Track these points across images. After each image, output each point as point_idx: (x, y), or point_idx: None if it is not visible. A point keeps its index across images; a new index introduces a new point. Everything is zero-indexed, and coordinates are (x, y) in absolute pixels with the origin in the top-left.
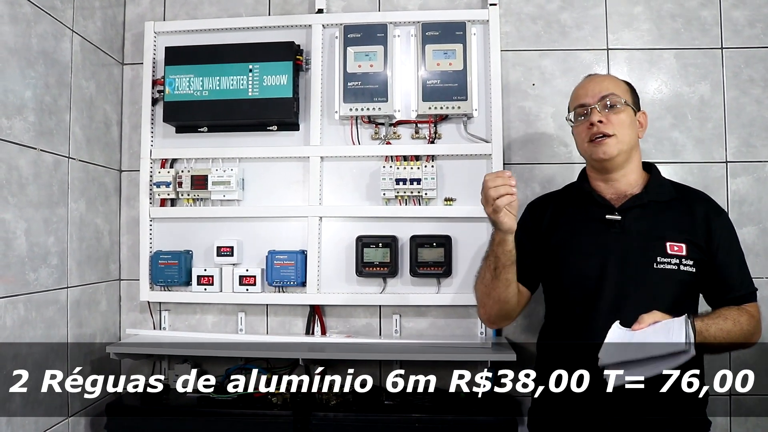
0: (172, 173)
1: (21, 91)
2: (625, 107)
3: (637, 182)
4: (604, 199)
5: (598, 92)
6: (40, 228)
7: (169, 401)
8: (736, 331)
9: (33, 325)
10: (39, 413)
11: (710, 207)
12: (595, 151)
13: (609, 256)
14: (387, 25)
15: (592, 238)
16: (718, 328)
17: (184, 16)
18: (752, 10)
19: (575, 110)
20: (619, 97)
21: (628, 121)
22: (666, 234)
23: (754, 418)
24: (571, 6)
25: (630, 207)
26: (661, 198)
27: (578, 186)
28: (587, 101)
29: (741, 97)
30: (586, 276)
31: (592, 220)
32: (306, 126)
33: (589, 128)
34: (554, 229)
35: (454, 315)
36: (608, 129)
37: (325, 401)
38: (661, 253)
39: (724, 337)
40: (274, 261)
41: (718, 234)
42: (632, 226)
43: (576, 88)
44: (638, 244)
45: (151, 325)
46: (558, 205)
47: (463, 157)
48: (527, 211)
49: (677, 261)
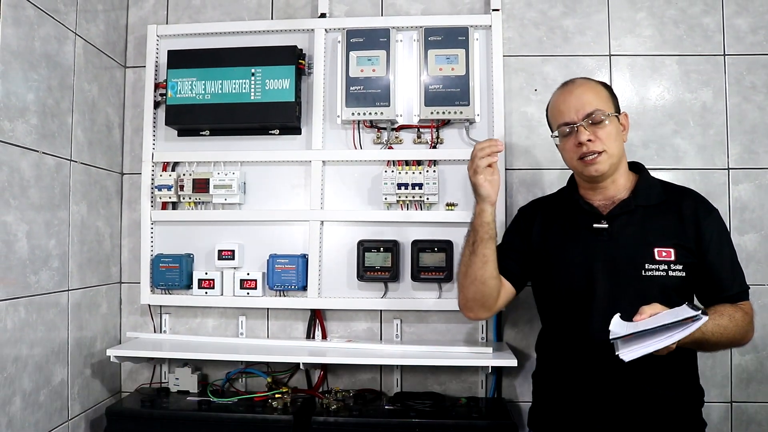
0: (173, 176)
1: (23, 93)
2: (610, 119)
3: (626, 186)
4: (592, 206)
5: (580, 107)
6: (42, 230)
7: (170, 405)
8: (732, 328)
9: (34, 328)
10: (39, 416)
11: (699, 206)
12: (587, 169)
13: (598, 265)
14: (389, 30)
15: (581, 247)
16: (715, 324)
17: (186, 19)
18: (755, 17)
19: (559, 128)
20: (603, 111)
21: (615, 133)
22: (654, 240)
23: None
24: (574, 12)
25: (618, 214)
26: (649, 202)
27: (567, 194)
28: (571, 119)
29: (743, 104)
30: (576, 285)
31: (580, 228)
32: (308, 130)
33: (578, 147)
34: (544, 239)
35: (455, 320)
36: (597, 146)
37: (325, 405)
38: (649, 259)
39: (721, 333)
40: (275, 265)
41: (707, 234)
42: (620, 233)
43: (556, 102)
44: (626, 252)
45: (152, 329)
46: (547, 213)
47: (464, 162)
48: (519, 216)
49: (666, 267)
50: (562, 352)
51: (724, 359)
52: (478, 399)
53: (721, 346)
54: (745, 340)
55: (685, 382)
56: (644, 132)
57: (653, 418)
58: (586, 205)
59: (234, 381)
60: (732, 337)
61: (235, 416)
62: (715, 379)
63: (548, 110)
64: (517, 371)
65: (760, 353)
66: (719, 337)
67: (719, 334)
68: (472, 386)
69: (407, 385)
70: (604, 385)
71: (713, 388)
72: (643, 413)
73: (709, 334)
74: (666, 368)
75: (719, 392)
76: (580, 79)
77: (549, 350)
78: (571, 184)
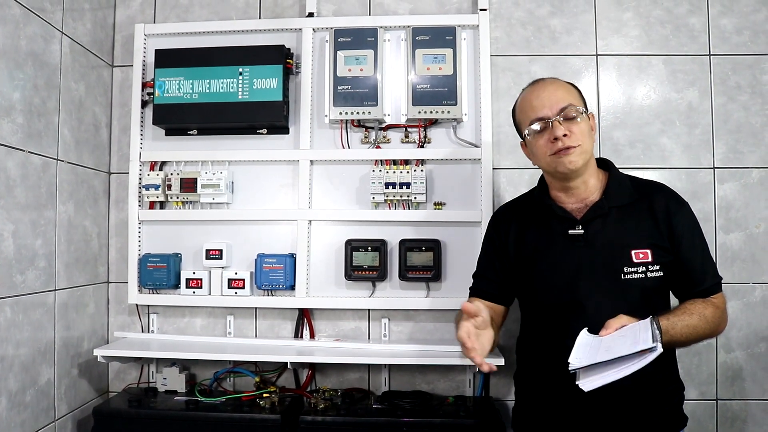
0: (161, 176)
1: (9, 92)
2: (582, 116)
3: (596, 186)
4: (566, 211)
5: (555, 103)
6: (28, 230)
7: (157, 405)
8: (702, 326)
9: (20, 328)
10: (25, 416)
11: (670, 201)
12: (561, 163)
13: (577, 271)
14: (377, 30)
15: (558, 255)
16: (684, 325)
17: (174, 18)
18: (740, 17)
19: (532, 124)
20: (577, 107)
21: (587, 130)
22: (630, 242)
23: (740, 423)
24: (561, 12)
25: (592, 218)
26: (622, 202)
27: (538, 198)
28: (546, 114)
29: (728, 104)
30: (557, 294)
31: (556, 235)
32: (296, 129)
33: (552, 142)
34: (521, 247)
35: (443, 319)
36: (573, 141)
37: (313, 405)
38: (627, 263)
39: (690, 333)
40: (263, 264)
41: (679, 229)
42: (596, 238)
43: (527, 98)
44: (604, 257)
45: (140, 328)
46: (521, 220)
47: (452, 161)
48: (492, 226)
49: (644, 269)
50: (542, 355)
51: (709, 357)
52: (465, 398)
53: (693, 343)
54: (716, 333)
55: (666, 378)
56: (631, 131)
57: (635, 416)
58: (560, 210)
59: (222, 380)
60: (702, 334)
61: (222, 416)
62: (701, 377)
63: (516, 110)
64: (504, 370)
65: (745, 351)
66: (688, 337)
67: (688, 334)
68: (460, 385)
69: (395, 384)
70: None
71: (699, 385)
72: (624, 411)
73: (678, 336)
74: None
75: (705, 390)
76: (549, 78)
77: (529, 353)
78: (542, 186)
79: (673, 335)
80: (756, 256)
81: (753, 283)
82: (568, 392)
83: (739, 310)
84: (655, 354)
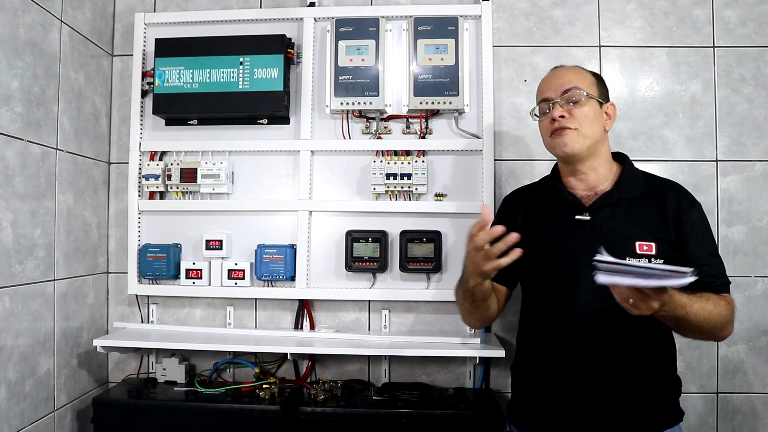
0: (161, 166)
1: (8, 81)
2: (588, 100)
3: (608, 176)
4: (575, 197)
5: (560, 86)
6: (27, 220)
7: (156, 395)
8: (716, 314)
9: (19, 318)
10: (24, 406)
11: (682, 199)
12: (557, 143)
13: (580, 257)
14: (379, 20)
15: (563, 240)
16: (700, 306)
17: (174, 7)
18: (744, 9)
19: (539, 105)
20: (581, 90)
21: (592, 114)
22: (636, 233)
23: (740, 416)
24: (564, 2)
25: (600, 206)
26: (632, 195)
27: (550, 183)
28: (549, 95)
29: (732, 96)
30: (559, 278)
31: (563, 220)
32: (296, 120)
33: (551, 123)
34: (527, 230)
35: (443, 311)
36: (570, 123)
37: (313, 396)
38: (630, 253)
39: (704, 317)
40: (264, 255)
41: (688, 227)
42: (602, 226)
43: (541, 82)
44: (608, 245)
45: (139, 319)
46: (530, 203)
47: (454, 152)
48: (501, 208)
49: (647, 261)
50: (542, 343)
51: (710, 351)
52: (465, 390)
53: (701, 332)
54: (724, 332)
55: (663, 373)
56: (633, 123)
57: (631, 410)
58: (569, 195)
59: (221, 371)
60: (714, 324)
61: (222, 406)
62: (702, 370)
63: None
64: (505, 362)
65: (746, 344)
66: (701, 320)
67: (702, 317)
68: (460, 377)
69: (395, 375)
70: (583, 376)
71: (700, 379)
72: (620, 404)
73: (692, 315)
74: (644, 359)
75: (705, 383)
76: (571, 65)
77: (526, 340)
78: (555, 172)
79: (688, 311)
80: (758, 250)
81: (755, 276)
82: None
83: (741, 303)
84: (687, 280)
